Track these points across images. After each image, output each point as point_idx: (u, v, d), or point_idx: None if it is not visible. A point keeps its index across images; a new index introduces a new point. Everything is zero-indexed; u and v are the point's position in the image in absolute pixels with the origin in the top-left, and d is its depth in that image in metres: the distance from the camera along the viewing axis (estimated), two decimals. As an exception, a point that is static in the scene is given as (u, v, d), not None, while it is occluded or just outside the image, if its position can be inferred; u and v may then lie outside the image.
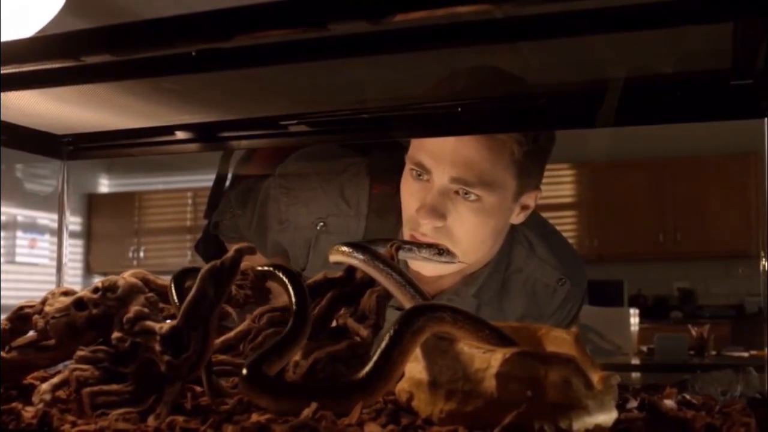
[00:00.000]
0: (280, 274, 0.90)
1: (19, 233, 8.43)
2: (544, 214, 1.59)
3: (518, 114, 0.99)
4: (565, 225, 7.62)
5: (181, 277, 0.92)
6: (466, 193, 1.25)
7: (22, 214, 8.41)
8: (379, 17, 0.64)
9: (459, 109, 0.94)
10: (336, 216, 1.45)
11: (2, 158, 1.23)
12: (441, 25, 0.65)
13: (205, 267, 0.79)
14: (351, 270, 0.97)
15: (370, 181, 1.43)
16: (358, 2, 0.63)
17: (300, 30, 0.67)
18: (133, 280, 0.91)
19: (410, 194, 1.31)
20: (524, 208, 1.37)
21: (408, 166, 1.30)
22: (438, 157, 1.23)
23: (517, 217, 1.38)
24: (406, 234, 1.34)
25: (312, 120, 1.01)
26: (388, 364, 0.74)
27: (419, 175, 1.27)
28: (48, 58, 0.79)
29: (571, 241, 7.50)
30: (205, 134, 1.10)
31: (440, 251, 1.15)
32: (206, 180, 1.69)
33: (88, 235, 9.13)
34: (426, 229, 1.28)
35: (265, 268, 0.93)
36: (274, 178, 1.47)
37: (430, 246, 1.15)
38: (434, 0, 0.58)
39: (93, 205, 9.19)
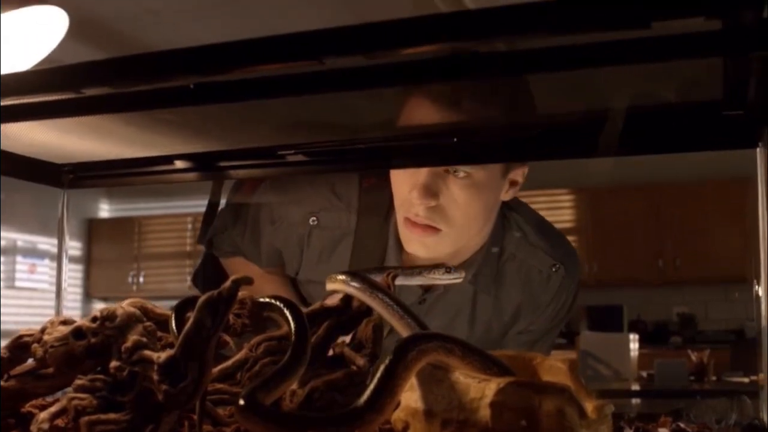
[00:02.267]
0: (279, 304, 0.91)
1: (18, 258, 8.43)
2: None
3: (512, 144, 1.00)
4: (565, 250, 7.60)
5: (182, 306, 0.93)
6: (455, 171, 1.26)
7: (21, 239, 8.42)
8: (374, 51, 0.65)
9: (454, 140, 0.96)
10: (327, 210, 1.47)
11: (3, 186, 1.24)
12: (437, 59, 0.67)
13: (203, 297, 0.80)
14: (348, 299, 0.98)
15: (360, 175, 1.44)
16: (353, 37, 0.64)
17: (296, 64, 0.68)
18: (132, 309, 0.92)
19: (401, 179, 1.32)
20: (513, 183, 1.40)
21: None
22: None
23: (507, 194, 1.41)
24: (400, 218, 1.36)
25: (309, 150, 1.02)
26: (384, 394, 0.74)
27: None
28: (49, 90, 0.80)
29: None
30: (204, 163, 1.11)
31: (448, 269, 1.15)
32: (206, 205, 1.71)
33: (87, 260, 9.13)
34: (420, 209, 1.31)
35: (264, 298, 0.94)
36: (265, 183, 1.49)
37: (437, 267, 1.16)
38: (420, 38, 0.59)
39: (93, 230, 9.20)
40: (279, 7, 5.41)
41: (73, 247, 8.89)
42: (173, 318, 0.92)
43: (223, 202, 1.65)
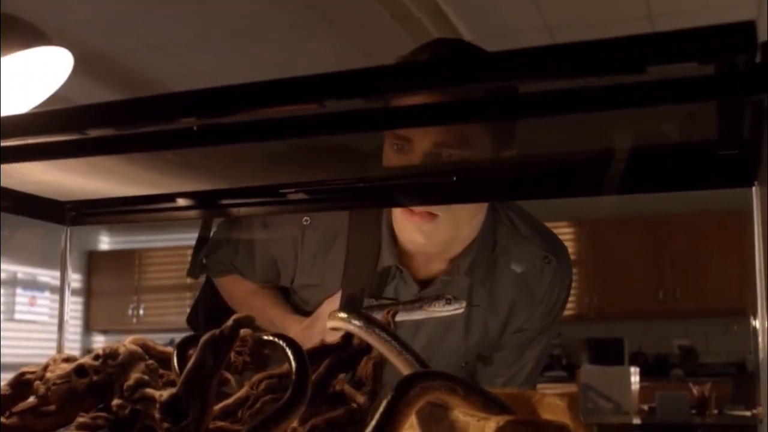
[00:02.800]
0: (280, 342, 0.91)
1: (19, 290, 8.43)
2: None
3: (510, 182, 1.02)
4: (565, 282, 7.60)
5: (185, 344, 0.94)
6: (449, 157, 1.29)
7: (22, 271, 8.42)
8: (374, 96, 0.66)
9: (454, 178, 0.97)
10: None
11: (6, 221, 1.25)
12: (436, 103, 0.68)
13: (205, 336, 0.80)
14: (348, 336, 0.98)
15: None
16: (354, 82, 0.65)
17: (298, 106, 0.69)
18: (134, 347, 0.93)
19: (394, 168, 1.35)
20: None
21: (388, 142, 1.34)
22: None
23: None
24: (398, 210, 1.37)
25: (310, 188, 1.04)
26: (386, 429, 0.75)
27: (400, 149, 1.31)
28: (53, 131, 0.82)
29: (570, 298, 7.46)
30: (206, 201, 1.12)
31: (448, 300, 1.16)
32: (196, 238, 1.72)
33: (87, 292, 9.12)
34: None
35: (265, 336, 0.94)
36: None
37: (437, 298, 1.18)
38: (417, 83, 0.61)
39: (93, 263, 9.20)
40: (278, 40, 5.46)
41: (74, 279, 8.85)
42: (175, 356, 0.93)
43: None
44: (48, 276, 8.68)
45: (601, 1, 4.92)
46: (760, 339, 0.95)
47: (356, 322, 0.97)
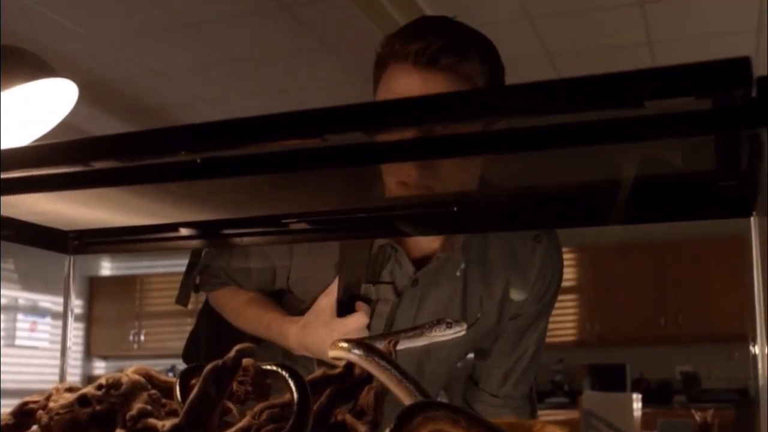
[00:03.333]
0: (282, 371, 0.92)
1: (20, 316, 8.42)
2: None
3: (512, 212, 1.02)
4: (566, 309, 7.61)
5: (187, 374, 0.94)
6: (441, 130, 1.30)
7: (23, 297, 8.41)
8: (377, 130, 0.67)
9: (455, 209, 0.98)
10: None
11: (9, 248, 1.26)
12: (436, 137, 0.69)
13: (208, 366, 0.81)
14: (350, 366, 0.99)
15: None
16: (354, 116, 0.66)
17: (300, 140, 0.70)
18: (137, 377, 0.93)
19: None
20: None
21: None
22: None
23: None
24: (392, 185, 1.35)
25: (312, 219, 1.05)
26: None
27: None
28: (58, 163, 0.82)
29: (571, 325, 7.47)
30: (208, 231, 1.13)
31: (448, 324, 1.17)
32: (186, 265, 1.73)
33: (88, 318, 9.11)
34: (412, 170, 1.32)
35: (267, 366, 0.95)
36: None
37: (438, 323, 1.18)
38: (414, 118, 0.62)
39: (94, 288, 9.19)
40: (279, 67, 5.49)
41: (75, 305, 8.82)
42: (178, 385, 0.93)
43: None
44: (49, 302, 8.67)
45: (601, 29, 4.95)
46: (759, 366, 0.95)
47: (357, 352, 0.98)
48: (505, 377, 1.65)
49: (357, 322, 1.42)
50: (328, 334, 1.38)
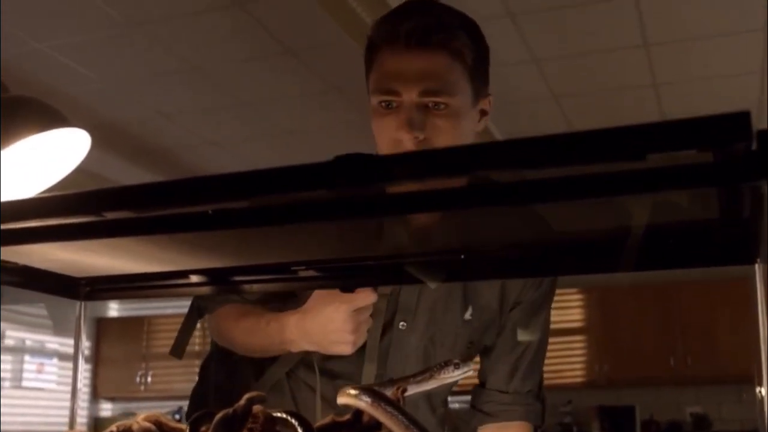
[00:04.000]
0: (291, 419, 0.93)
1: (26, 357, 8.41)
2: (553, 339, 1.66)
3: (518, 260, 1.03)
4: (575, 350, 7.58)
5: (197, 421, 0.95)
6: (435, 105, 1.39)
7: (30, 338, 8.41)
8: (389, 182, 0.69)
9: (462, 256, 0.99)
10: None
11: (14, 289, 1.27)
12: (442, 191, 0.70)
13: (218, 415, 0.82)
14: (358, 413, 0.99)
15: None
16: (362, 170, 0.68)
17: (308, 192, 0.72)
18: (147, 424, 0.94)
19: (385, 126, 1.43)
20: (483, 113, 1.52)
21: (375, 102, 1.43)
22: (405, 77, 1.39)
23: (479, 124, 1.52)
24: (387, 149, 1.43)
25: (321, 266, 1.06)
26: None
27: (388, 105, 1.41)
28: (71, 213, 0.84)
29: (580, 366, 7.44)
30: (218, 278, 1.14)
31: (456, 364, 1.18)
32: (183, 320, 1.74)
33: (95, 359, 9.09)
34: (410, 144, 1.39)
35: (277, 413, 0.95)
36: None
37: (445, 365, 1.19)
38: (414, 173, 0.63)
39: (101, 330, 9.18)
40: (288, 109, 5.54)
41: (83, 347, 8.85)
42: (187, 433, 0.94)
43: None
44: (56, 343, 8.67)
45: (607, 70, 4.98)
46: (765, 408, 0.96)
47: (366, 399, 0.99)
48: (513, 372, 1.66)
49: (366, 296, 1.39)
50: (335, 311, 1.38)
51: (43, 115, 1.20)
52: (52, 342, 8.60)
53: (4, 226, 0.87)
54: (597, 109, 5.55)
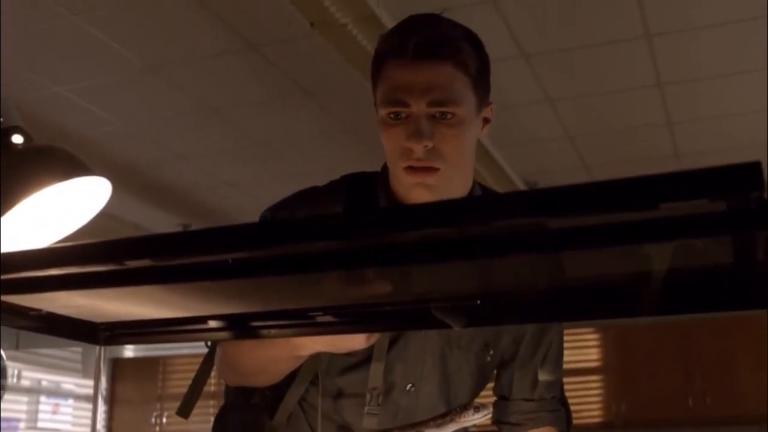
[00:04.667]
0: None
1: (42, 398, 8.42)
2: (570, 378, 1.67)
3: (533, 305, 1.04)
4: (591, 389, 7.52)
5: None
6: (442, 115, 1.44)
7: (46, 378, 8.43)
8: (406, 232, 0.70)
9: (477, 302, 1.00)
10: None
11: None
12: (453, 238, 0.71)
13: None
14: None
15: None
16: (377, 221, 0.69)
17: (330, 243, 0.73)
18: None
19: (395, 136, 1.48)
20: (485, 121, 1.57)
21: (383, 114, 1.50)
22: (413, 89, 1.44)
23: (482, 132, 1.57)
24: (401, 167, 1.49)
25: (338, 312, 1.07)
26: None
27: (396, 117, 1.47)
28: (92, 262, 0.85)
29: (597, 406, 7.38)
30: (236, 323, 1.15)
31: (476, 408, 1.18)
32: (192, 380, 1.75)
33: (111, 400, 9.09)
34: (420, 153, 1.45)
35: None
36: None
37: (465, 408, 1.19)
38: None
39: (117, 370, 9.20)
40: (302, 150, 5.58)
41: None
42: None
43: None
44: (72, 383, 8.68)
45: (621, 110, 5.01)
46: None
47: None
48: (536, 378, 1.67)
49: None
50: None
51: (67, 164, 1.23)
52: (68, 383, 8.61)
53: (27, 275, 0.89)
54: (611, 148, 5.57)
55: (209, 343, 1.67)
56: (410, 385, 1.59)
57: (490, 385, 1.74)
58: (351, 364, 1.58)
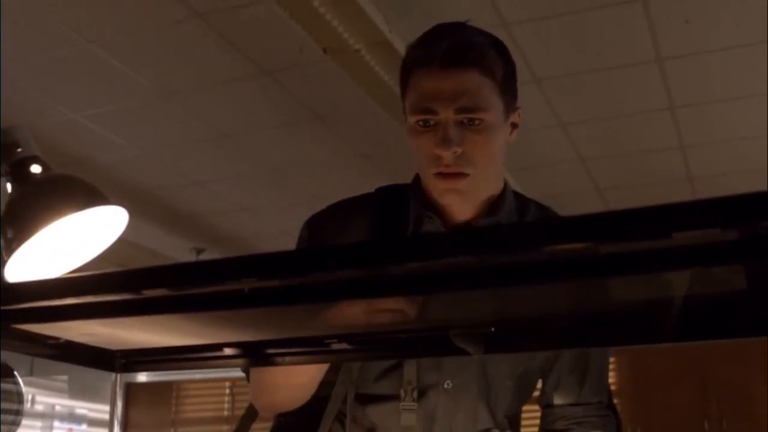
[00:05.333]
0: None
1: (56, 423, 8.42)
2: None
3: (549, 332, 1.04)
4: (607, 413, 7.46)
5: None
6: (470, 121, 1.46)
7: (60, 403, 8.43)
8: (423, 260, 0.71)
9: (492, 329, 1.00)
10: None
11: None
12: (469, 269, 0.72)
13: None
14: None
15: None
16: (405, 250, 0.70)
17: (346, 272, 0.74)
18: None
19: (424, 144, 1.50)
20: (513, 126, 1.58)
21: (412, 122, 1.50)
22: (441, 97, 1.46)
23: (511, 137, 1.58)
24: (431, 174, 1.51)
25: (353, 339, 1.07)
26: None
27: (425, 124, 1.48)
28: (111, 292, 0.86)
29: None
30: (252, 351, 1.16)
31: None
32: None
33: (124, 424, 9.09)
34: (449, 159, 1.47)
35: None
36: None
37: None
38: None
39: (130, 395, 9.20)
40: (316, 174, 5.59)
41: (110, 411, 8.87)
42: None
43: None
44: (85, 408, 8.68)
45: (634, 133, 5.01)
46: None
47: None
48: (581, 381, 1.64)
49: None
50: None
51: (84, 193, 1.24)
52: (82, 408, 8.62)
53: (45, 304, 0.90)
54: (624, 172, 5.57)
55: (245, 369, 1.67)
56: (447, 381, 1.58)
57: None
58: (385, 369, 1.59)
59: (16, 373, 1.43)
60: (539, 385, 1.70)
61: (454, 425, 1.58)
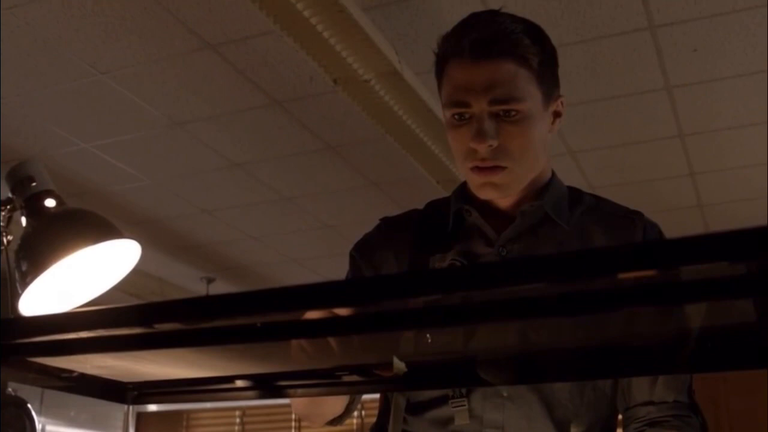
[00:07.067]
0: None
1: (66, 453, 8.39)
2: None
3: (564, 363, 1.04)
4: (620, 442, 7.40)
5: None
6: (505, 113, 1.43)
7: (68, 432, 8.41)
8: (442, 293, 0.71)
9: (517, 359, 1.00)
10: None
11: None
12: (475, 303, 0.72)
13: None
14: None
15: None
16: (415, 285, 0.70)
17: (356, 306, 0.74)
18: None
19: (460, 138, 1.48)
20: (556, 115, 1.56)
21: (448, 115, 1.48)
22: (473, 89, 1.43)
23: (554, 126, 1.56)
24: (467, 168, 1.48)
25: (364, 371, 1.07)
26: None
27: (461, 117, 1.46)
28: (124, 325, 0.87)
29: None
30: (263, 383, 1.17)
31: None
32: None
33: (135, 454, 9.06)
34: (485, 152, 1.45)
35: None
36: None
37: None
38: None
39: (141, 423, 9.17)
40: (326, 203, 5.60)
41: (122, 441, 8.86)
42: None
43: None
44: (96, 438, 8.65)
45: (643, 161, 5.01)
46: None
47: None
48: (652, 380, 1.51)
49: None
50: None
51: (98, 227, 1.25)
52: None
53: (59, 337, 0.91)
54: (634, 199, 5.51)
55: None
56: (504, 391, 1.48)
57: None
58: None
59: (29, 405, 1.44)
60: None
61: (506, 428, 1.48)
